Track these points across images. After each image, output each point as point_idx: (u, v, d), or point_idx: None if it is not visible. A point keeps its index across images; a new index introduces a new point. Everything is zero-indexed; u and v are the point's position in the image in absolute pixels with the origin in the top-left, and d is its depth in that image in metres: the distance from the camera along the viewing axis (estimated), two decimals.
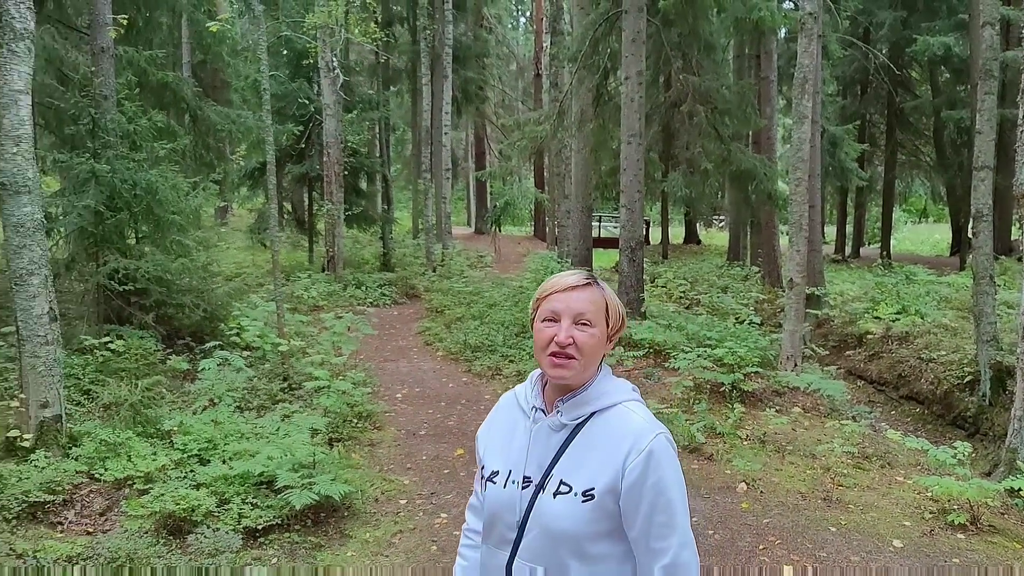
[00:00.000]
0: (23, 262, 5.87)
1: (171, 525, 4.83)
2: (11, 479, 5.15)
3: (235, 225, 24.36)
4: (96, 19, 10.24)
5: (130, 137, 9.49)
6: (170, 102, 13.65)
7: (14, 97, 5.96)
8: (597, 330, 1.77)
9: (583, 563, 1.73)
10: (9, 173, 5.83)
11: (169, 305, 8.97)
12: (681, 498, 1.73)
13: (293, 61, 18.62)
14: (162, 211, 8.95)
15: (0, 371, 7.23)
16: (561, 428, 1.79)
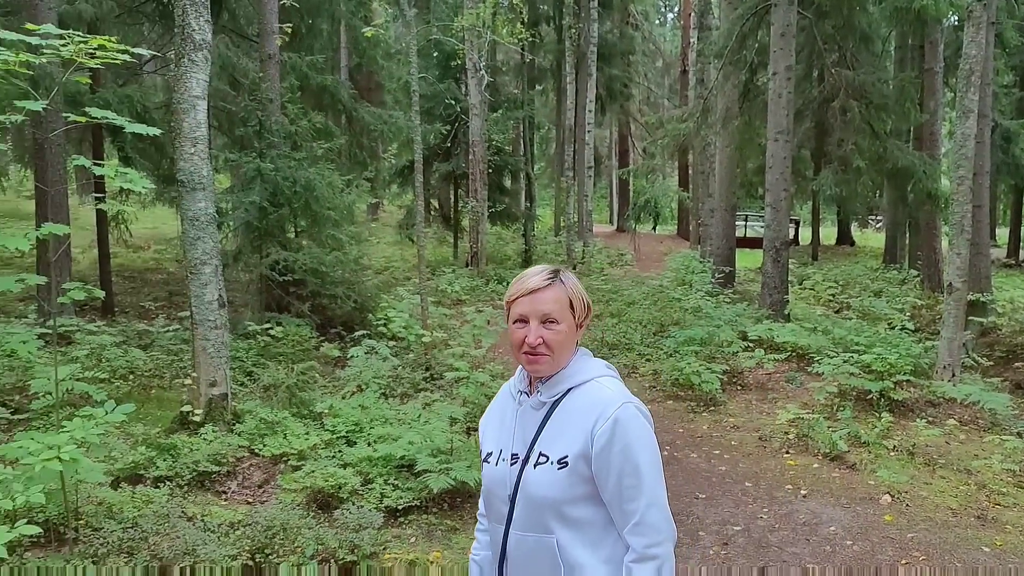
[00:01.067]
0: (197, 252, 6.42)
1: (320, 500, 5.18)
2: (184, 449, 5.66)
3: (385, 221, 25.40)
4: (264, 28, 11.01)
5: (292, 137, 10.16)
6: (328, 104, 14.46)
7: (192, 102, 6.52)
8: (564, 325, 1.91)
9: (567, 527, 1.88)
10: (187, 171, 6.39)
11: (323, 295, 9.55)
12: (649, 462, 1.85)
13: (442, 63, 19.25)
14: (319, 207, 9.54)
15: (176, 351, 7.96)
16: (541, 406, 1.95)
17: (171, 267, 15.32)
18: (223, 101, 12.07)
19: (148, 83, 14.22)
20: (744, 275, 18.62)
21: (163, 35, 12.92)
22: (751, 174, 18.34)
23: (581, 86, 22.17)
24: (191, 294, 6.48)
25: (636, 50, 32.67)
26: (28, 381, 6.64)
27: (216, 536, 4.48)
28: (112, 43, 3.85)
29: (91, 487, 4.77)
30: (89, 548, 4.17)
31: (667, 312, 11.76)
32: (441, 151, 19.08)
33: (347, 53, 21.62)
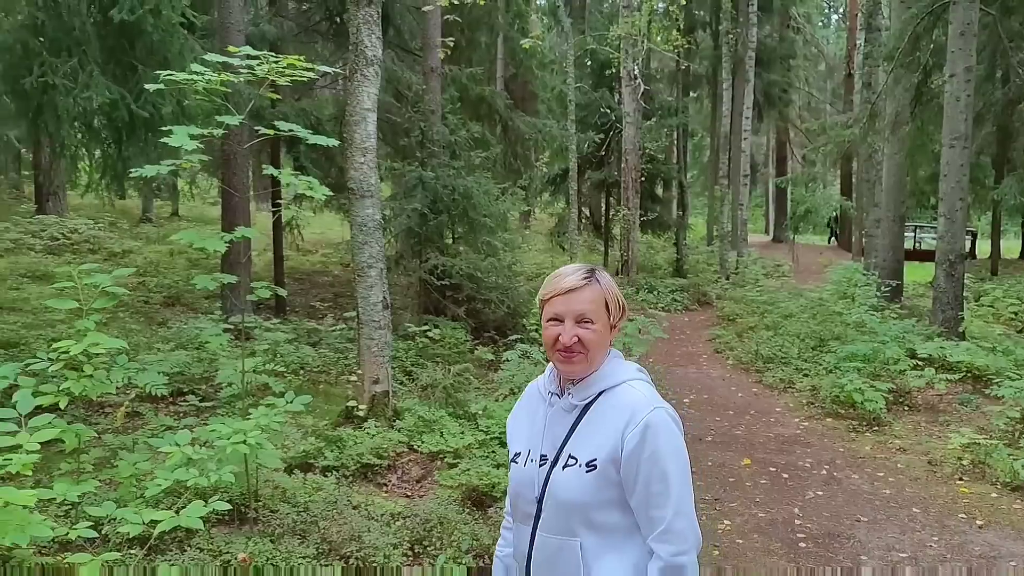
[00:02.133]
0: (364, 256, 6.79)
1: (474, 497, 5.36)
2: (349, 442, 6.00)
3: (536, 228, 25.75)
4: (427, 42, 11.50)
5: (451, 147, 10.54)
6: (485, 114, 14.86)
7: (363, 115, 6.90)
8: (599, 325, 1.90)
9: (593, 532, 1.88)
10: (357, 180, 6.77)
11: (478, 300, 9.84)
12: (678, 469, 1.83)
13: (596, 72, 19.33)
14: (476, 214, 9.84)
15: (342, 349, 8.43)
16: (572, 409, 1.94)
17: (336, 270, 16.20)
18: (388, 113, 12.67)
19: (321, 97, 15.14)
20: (913, 290, 17.55)
21: (334, 52, 13.71)
22: (922, 182, 17.26)
23: (738, 92, 21.62)
24: (357, 295, 6.85)
25: (797, 54, 31.47)
26: (215, 372, 7.25)
27: (379, 525, 4.73)
28: (300, 62, 4.18)
29: (268, 472, 5.14)
30: (267, 528, 4.51)
31: (827, 326, 11.28)
32: (594, 159, 19.15)
33: (503, 64, 22.11)
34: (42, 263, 12.83)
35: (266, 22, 11.41)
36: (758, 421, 8.08)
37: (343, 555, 4.33)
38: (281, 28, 11.68)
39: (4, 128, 11.82)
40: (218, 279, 4.50)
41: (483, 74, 15.08)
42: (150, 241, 16.29)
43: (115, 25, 6.02)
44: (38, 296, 10.74)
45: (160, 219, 19.60)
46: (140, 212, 19.23)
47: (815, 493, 6.03)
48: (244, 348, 5.38)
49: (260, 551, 4.15)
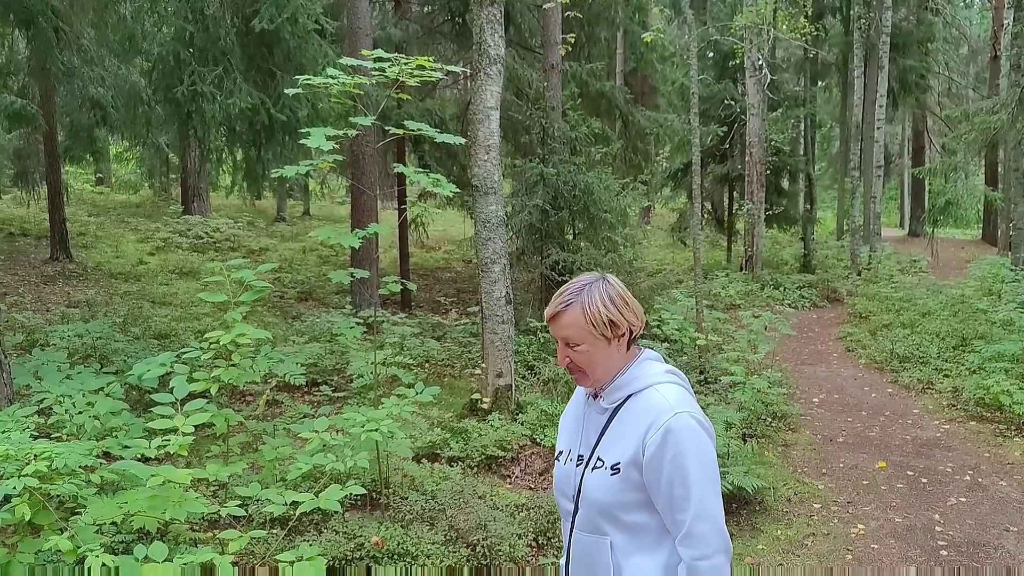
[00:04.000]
0: (488, 252, 6.90)
1: None
2: (473, 434, 6.13)
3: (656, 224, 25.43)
4: (548, 39, 11.54)
5: (571, 143, 10.55)
6: (605, 109, 14.80)
7: (487, 113, 7.01)
8: (586, 345, 1.92)
9: (622, 532, 1.91)
10: (480, 177, 6.89)
11: None
12: (700, 473, 1.83)
13: (719, 63, 18.88)
14: (596, 210, 9.82)
15: (466, 343, 8.60)
16: (604, 412, 1.98)
17: (459, 266, 16.52)
18: (509, 111, 12.82)
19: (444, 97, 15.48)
20: None
21: (457, 52, 14.00)
22: None
23: (870, 80, 20.58)
24: (481, 290, 6.98)
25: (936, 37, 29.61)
26: (346, 364, 7.56)
27: (504, 515, 4.81)
28: (429, 63, 4.30)
29: (398, 460, 5.33)
30: (397, 514, 4.68)
31: (970, 324, 10.61)
32: (717, 153, 18.71)
33: (623, 59, 21.91)
34: (188, 260, 13.71)
35: (392, 25, 11.76)
36: (893, 423, 7.70)
37: (470, 543, 4.43)
38: (406, 31, 12.02)
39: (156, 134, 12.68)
40: (352, 274, 4.69)
41: (603, 69, 15.01)
42: (284, 239, 17.11)
43: (256, 34, 6.38)
44: (185, 291, 11.50)
45: (293, 218, 20.55)
46: (275, 212, 20.22)
47: (957, 499, 5.70)
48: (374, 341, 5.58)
49: (391, 535, 4.30)
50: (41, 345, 7.35)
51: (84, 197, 19.66)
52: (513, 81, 12.83)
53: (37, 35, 7.40)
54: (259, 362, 4.07)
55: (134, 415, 4.94)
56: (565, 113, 10.81)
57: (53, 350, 6.67)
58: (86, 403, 4.61)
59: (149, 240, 14.92)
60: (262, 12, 6.13)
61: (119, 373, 6.07)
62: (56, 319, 9.11)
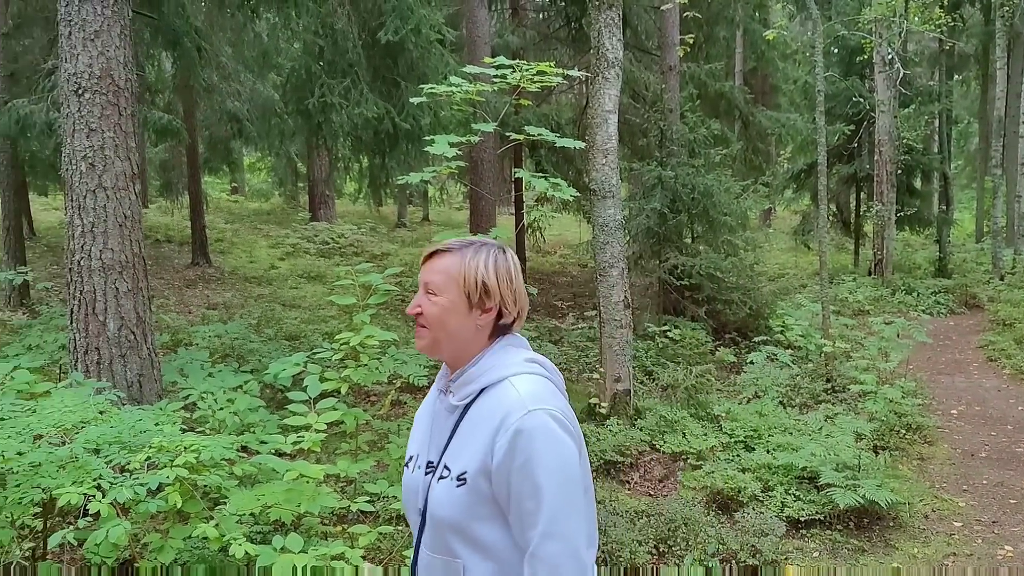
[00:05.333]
0: (606, 256, 6.88)
1: (720, 500, 5.25)
2: (592, 438, 6.12)
3: (777, 227, 24.66)
4: (665, 41, 11.41)
5: (690, 145, 10.38)
6: (724, 110, 14.48)
7: (604, 116, 7.00)
8: (444, 299, 1.63)
9: (475, 552, 1.59)
10: (598, 181, 6.88)
11: (718, 300, 9.60)
12: (554, 483, 1.51)
13: (845, 59, 18.12)
14: (716, 213, 9.62)
15: (583, 348, 8.60)
16: (453, 410, 1.67)
17: (574, 270, 16.53)
18: (626, 114, 12.73)
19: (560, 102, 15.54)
20: None
21: (573, 56, 14.02)
22: None
23: (1014, 71, 19.28)
24: (599, 295, 6.97)
25: None
26: None
27: (624, 521, 4.78)
28: (550, 68, 4.34)
29: None
30: None
31: None
32: (845, 152, 17.97)
33: (741, 58, 21.39)
34: (315, 265, 14.30)
35: (510, 33, 11.91)
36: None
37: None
38: (523, 37, 12.14)
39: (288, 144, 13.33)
40: None
41: (722, 69, 14.70)
42: (405, 244, 17.58)
43: (381, 46, 6.62)
44: (313, 294, 12.00)
45: (413, 223, 21.09)
46: (396, 217, 20.82)
47: None
48: None
49: None
50: (185, 344, 7.83)
51: (221, 205, 20.84)
52: (629, 84, 12.73)
53: (183, 55, 7.91)
54: (385, 363, 4.20)
55: (268, 412, 5.21)
56: (683, 115, 10.65)
57: (195, 349, 7.11)
58: (226, 400, 4.89)
59: (279, 246, 15.65)
60: (387, 24, 6.35)
61: (255, 372, 6.41)
62: (197, 320, 9.70)
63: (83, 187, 4.97)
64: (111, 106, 5.04)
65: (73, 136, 5.01)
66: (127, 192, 5.11)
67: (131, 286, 5.08)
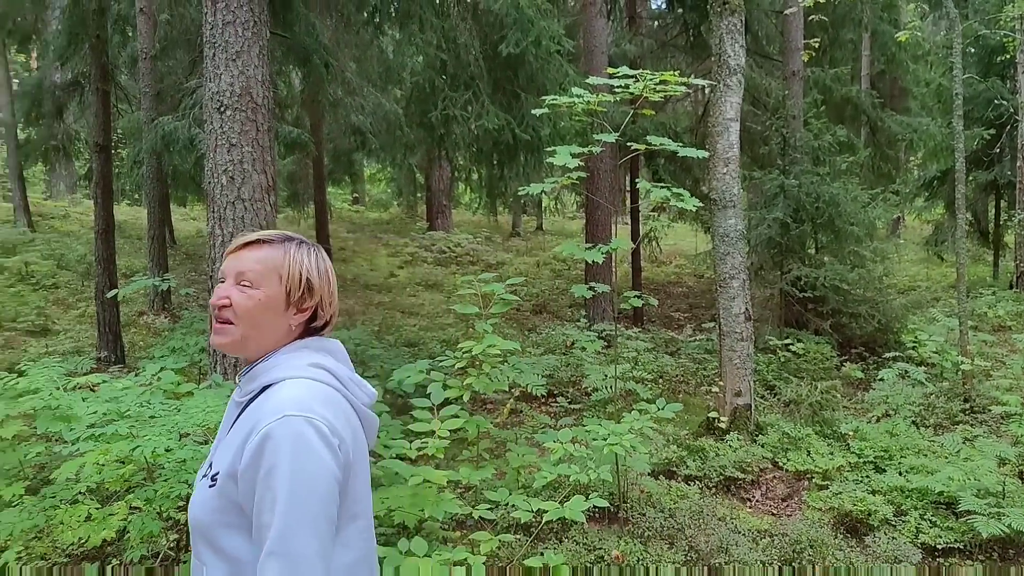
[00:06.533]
0: (726, 267, 6.73)
1: (847, 523, 5.03)
2: (711, 453, 5.99)
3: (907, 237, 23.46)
4: (788, 45, 11.08)
5: (814, 153, 10.03)
6: (850, 115, 13.91)
7: (726, 125, 6.88)
8: (261, 292, 1.52)
9: (220, 559, 1.48)
10: (719, 190, 6.75)
11: (843, 314, 9.21)
12: (294, 497, 1.37)
13: (983, 59, 17.07)
14: (842, 222, 9.25)
15: (700, 360, 8.43)
16: (237, 406, 1.58)
17: (690, 281, 16.24)
18: (746, 121, 12.42)
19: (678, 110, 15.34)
20: None
21: (691, 64, 13.81)
22: None
23: None
24: (719, 306, 6.82)
25: None
26: (580, 376, 7.69)
27: (746, 540, 4.65)
28: (673, 77, 4.29)
29: (635, 475, 5.33)
30: (636, 529, 4.67)
31: None
32: (985, 158, 16.93)
33: (868, 60, 20.49)
34: (433, 273, 14.62)
35: (627, 42, 11.84)
36: None
37: (711, 565, 4.33)
38: (640, 46, 12.05)
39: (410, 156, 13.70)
40: (593, 288, 4.77)
41: (847, 73, 14.15)
42: (519, 253, 17.74)
43: (502, 58, 6.72)
44: (431, 302, 12.27)
45: (527, 233, 21.24)
46: (510, 227, 21.03)
47: None
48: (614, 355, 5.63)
49: (631, 551, 4.31)
50: None
51: (343, 215, 21.61)
52: (750, 90, 12.42)
53: (312, 71, 8.26)
54: (506, 371, 4.25)
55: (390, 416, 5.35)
56: (807, 121, 10.31)
57: None
58: None
59: (398, 254, 16.09)
60: (508, 37, 6.44)
61: (377, 377, 6.60)
62: None
63: (223, 199, 5.26)
64: (250, 122, 5.32)
65: (215, 151, 5.31)
66: (263, 204, 5.37)
67: None
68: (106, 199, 8.57)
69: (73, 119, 16.46)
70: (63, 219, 16.41)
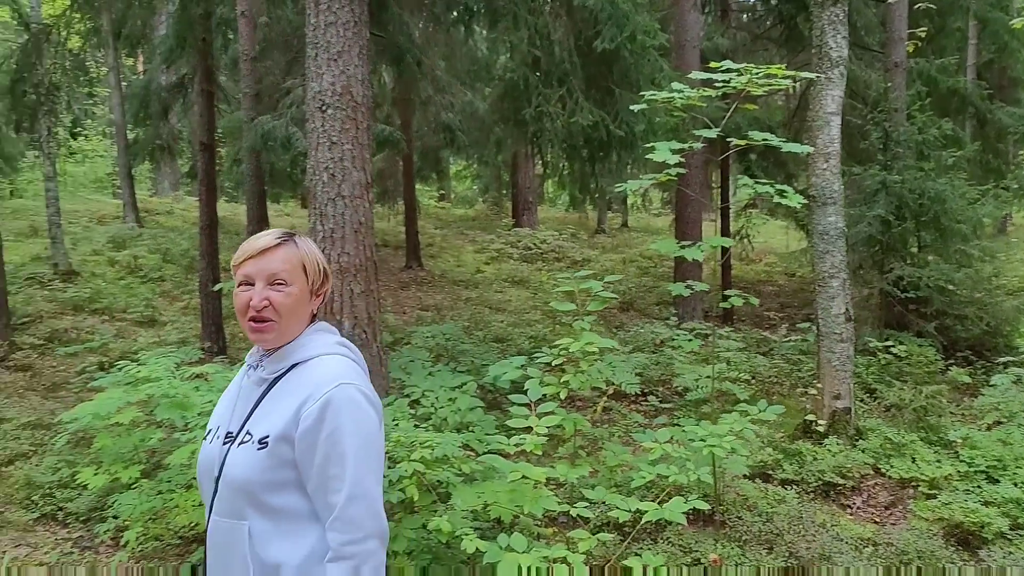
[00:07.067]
0: (826, 266, 6.53)
1: (958, 535, 4.81)
2: (808, 457, 5.83)
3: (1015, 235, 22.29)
4: (891, 36, 10.65)
5: (918, 147, 9.61)
6: (956, 108, 13.28)
7: (827, 119, 6.68)
8: (295, 288, 1.73)
9: (264, 517, 1.67)
10: (819, 187, 6.55)
11: (948, 315, 8.81)
12: (358, 450, 1.64)
13: None
14: (948, 220, 8.84)
15: (795, 361, 8.20)
16: (262, 382, 1.77)
17: (781, 279, 15.83)
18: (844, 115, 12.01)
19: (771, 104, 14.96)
20: None
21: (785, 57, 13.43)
22: None
23: None
24: (817, 306, 6.62)
25: None
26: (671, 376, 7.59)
27: (849, 548, 4.51)
28: (781, 70, 4.18)
29: (729, 477, 5.23)
30: (733, 533, 4.58)
31: None
32: None
33: (975, 49, 19.52)
34: (519, 270, 14.67)
35: (719, 35, 11.60)
36: None
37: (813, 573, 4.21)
38: (734, 39, 11.79)
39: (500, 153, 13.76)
40: (691, 286, 4.69)
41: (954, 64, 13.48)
42: (605, 250, 17.62)
43: (596, 54, 6.68)
44: (517, 298, 12.31)
45: (612, 230, 21.08)
46: (595, 224, 20.91)
47: None
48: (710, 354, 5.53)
49: (728, 555, 4.23)
50: (404, 343, 8.29)
51: (429, 212, 21.90)
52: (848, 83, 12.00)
53: (405, 70, 8.39)
54: (604, 370, 4.22)
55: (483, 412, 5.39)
56: (910, 115, 9.88)
57: (413, 348, 7.50)
58: (447, 399, 5.12)
59: (484, 250, 16.20)
60: (604, 33, 6.39)
61: (469, 372, 6.66)
62: (412, 320, 10.25)
63: (324, 196, 5.40)
64: (350, 120, 5.43)
65: (317, 149, 5.45)
66: (362, 200, 5.49)
67: (364, 288, 5.45)
68: (210, 196, 8.91)
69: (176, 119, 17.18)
70: (167, 215, 17.15)
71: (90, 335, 8.99)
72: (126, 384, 4.22)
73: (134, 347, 8.49)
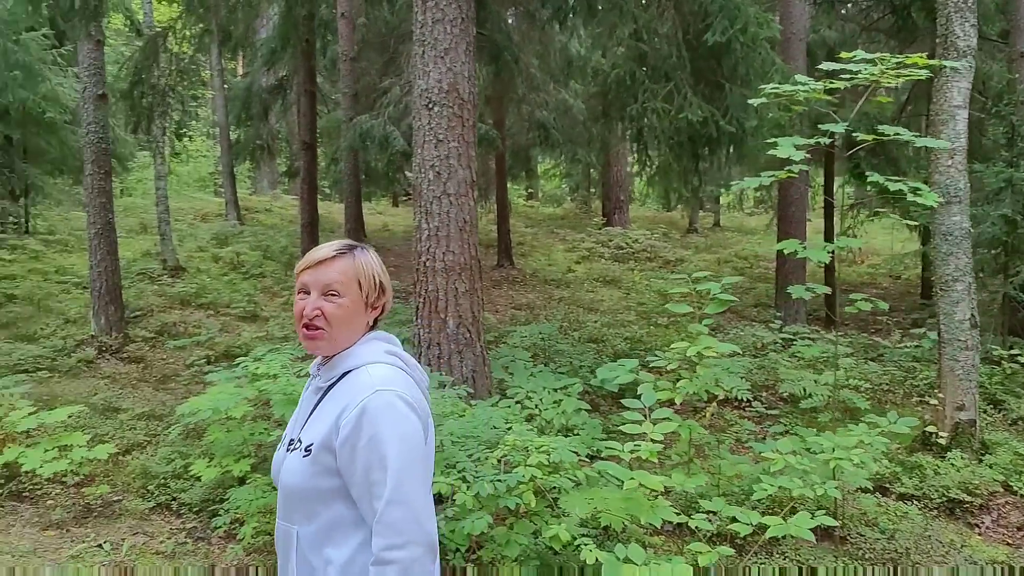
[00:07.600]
0: (949, 269, 6.16)
1: None
2: (929, 471, 5.49)
3: None
4: (1016, 24, 10.03)
5: None
6: None
7: (952, 112, 6.31)
8: (347, 299, 1.77)
9: (311, 522, 1.72)
10: (942, 184, 6.19)
11: None
12: (399, 455, 1.64)
13: None
14: None
15: (908, 368, 7.79)
16: (318, 391, 1.82)
17: (885, 282, 15.17)
18: None
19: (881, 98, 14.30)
20: None
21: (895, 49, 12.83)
22: None
23: None
24: (939, 311, 6.25)
25: None
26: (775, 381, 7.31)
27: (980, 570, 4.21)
28: (922, 59, 3.92)
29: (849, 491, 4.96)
30: (855, 550, 4.34)
31: None
32: None
33: None
34: (610, 269, 14.47)
35: (826, 27, 11.15)
36: None
37: None
38: (841, 31, 11.31)
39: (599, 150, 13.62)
40: (811, 288, 4.47)
41: None
42: (698, 250, 17.24)
43: (704, 48, 6.46)
44: (609, 298, 12.13)
45: (704, 229, 20.63)
46: (687, 223, 20.49)
47: None
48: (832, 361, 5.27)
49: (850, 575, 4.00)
50: (501, 343, 8.24)
51: (518, 210, 21.88)
52: None
53: (502, 67, 8.33)
54: (720, 375, 4.05)
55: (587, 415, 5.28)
56: None
57: (510, 348, 7.44)
58: (552, 401, 5.02)
59: (575, 249, 16.05)
60: (714, 25, 6.17)
61: (567, 374, 6.55)
62: (506, 319, 10.20)
63: (430, 194, 5.37)
64: (456, 118, 5.39)
65: (423, 147, 5.43)
66: (467, 199, 5.44)
67: (468, 287, 5.40)
68: (311, 194, 9.07)
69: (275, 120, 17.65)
70: (266, 212, 17.62)
71: (197, 329, 9.27)
72: (238, 379, 4.27)
73: (238, 341, 8.70)
